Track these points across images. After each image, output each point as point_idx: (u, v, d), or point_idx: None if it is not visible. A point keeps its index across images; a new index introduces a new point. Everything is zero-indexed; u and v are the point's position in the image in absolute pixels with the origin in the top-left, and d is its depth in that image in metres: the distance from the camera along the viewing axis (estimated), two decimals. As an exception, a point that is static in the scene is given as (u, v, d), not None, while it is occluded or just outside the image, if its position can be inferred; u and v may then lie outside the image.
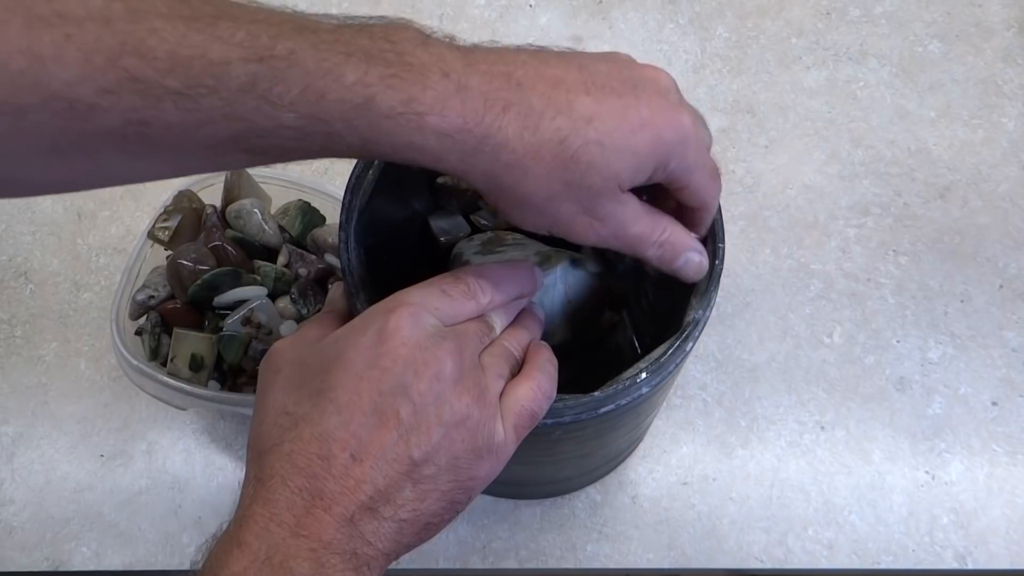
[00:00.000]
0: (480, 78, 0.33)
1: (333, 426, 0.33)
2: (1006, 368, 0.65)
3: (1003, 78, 0.76)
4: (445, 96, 0.32)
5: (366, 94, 0.31)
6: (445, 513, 0.35)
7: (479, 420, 0.35)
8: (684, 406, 0.64)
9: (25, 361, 0.67)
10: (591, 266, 0.48)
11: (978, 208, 0.71)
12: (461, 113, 0.32)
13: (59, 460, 0.64)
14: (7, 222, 0.73)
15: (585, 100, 0.34)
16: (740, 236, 0.70)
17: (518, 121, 0.33)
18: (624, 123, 0.34)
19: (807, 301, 0.67)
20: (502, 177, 0.34)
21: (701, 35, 0.79)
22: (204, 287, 0.57)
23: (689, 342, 0.41)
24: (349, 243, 0.44)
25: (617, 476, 0.62)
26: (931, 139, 0.74)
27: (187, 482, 0.63)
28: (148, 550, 0.61)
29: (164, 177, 0.34)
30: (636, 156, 0.35)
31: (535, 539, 0.60)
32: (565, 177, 0.34)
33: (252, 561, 0.31)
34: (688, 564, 0.59)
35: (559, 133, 0.34)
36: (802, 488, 0.61)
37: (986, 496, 0.61)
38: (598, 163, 0.34)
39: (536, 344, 0.41)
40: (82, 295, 0.70)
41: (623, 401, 0.41)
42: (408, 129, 0.32)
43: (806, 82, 0.77)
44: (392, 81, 0.31)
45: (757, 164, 0.73)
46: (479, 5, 0.82)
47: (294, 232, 0.63)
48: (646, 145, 0.35)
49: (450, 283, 0.38)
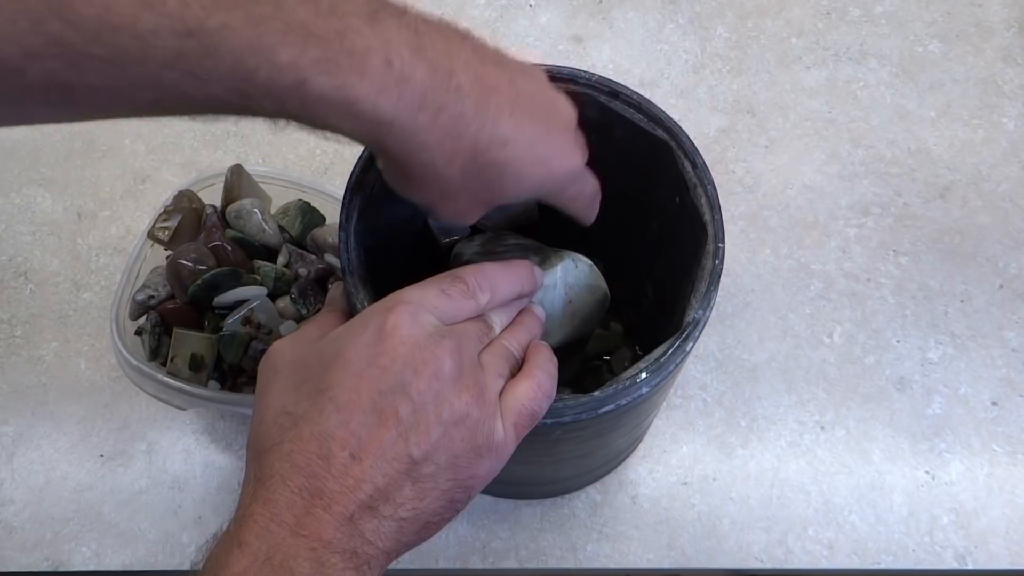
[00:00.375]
0: (425, 70, 0.32)
1: (332, 425, 0.33)
2: (1006, 368, 0.65)
3: (1003, 78, 0.76)
4: (382, 87, 0.32)
5: (298, 77, 0.30)
6: (445, 512, 0.35)
7: (479, 418, 0.35)
8: (684, 406, 0.64)
9: (25, 361, 0.67)
10: (592, 266, 0.48)
11: (978, 208, 0.71)
12: (395, 106, 0.32)
13: (59, 460, 0.64)
14: (7, 222, 0.73)
15: (508, 122, 0.35)
16: (740, 236, 0.70)
17: (446, 126, 0.34)
18: (530, 154, 0.37)
19: (807, 301, 0.67)
20: (411, 166, 0.35)
21: (701, 35, 0.79)
22: (204, 287, 0.57)
23: (689, 342, 0.41)
24: (349, 243, 0.44)
25: (617, 476, 0.62)
26: (931, 139, 0.74)
27: (187, 482, 0.63)
28: (148, 550, 0.61)
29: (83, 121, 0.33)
30: (526, 187, 0.38)
31: (535, 539, 0.60)
32: (466, 184, 0.36)
33: (253, 561, 0.31)
34: (688, 564, 0.59)
35: (476, 146, 0.35)
36: (802, 488, 0.61)
37: (986, 496, 0.61)
38: (496, 182, 0.37)
39: (536, 344, 0.41)
40: (82, 295, 0.70)
41: (623, 401, 0.41)
42: (336, 113, 0.32)
43: (806, 82, 0.77)
44: (327, 66, 0.30)
45: (757, 164, 0.73)
46: (479, 5, 0.82)
47: (294, 232, 0.63)
48: (537, 180, 0.38)
49: (449, 282, 0.38)
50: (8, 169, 0.75)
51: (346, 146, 0.45)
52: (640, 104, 0.46)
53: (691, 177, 0.45)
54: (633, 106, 0.47)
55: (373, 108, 0.32)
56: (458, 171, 0.35)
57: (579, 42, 0.80)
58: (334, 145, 0.75)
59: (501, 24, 0.81)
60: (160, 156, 0.75)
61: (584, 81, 0.47)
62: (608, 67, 0.78)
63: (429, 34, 0.34)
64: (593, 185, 0.44)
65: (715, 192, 0.44)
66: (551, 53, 0.79)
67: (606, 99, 0.47)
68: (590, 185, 0.43)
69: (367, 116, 0.32)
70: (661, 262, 0.53)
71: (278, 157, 0.75)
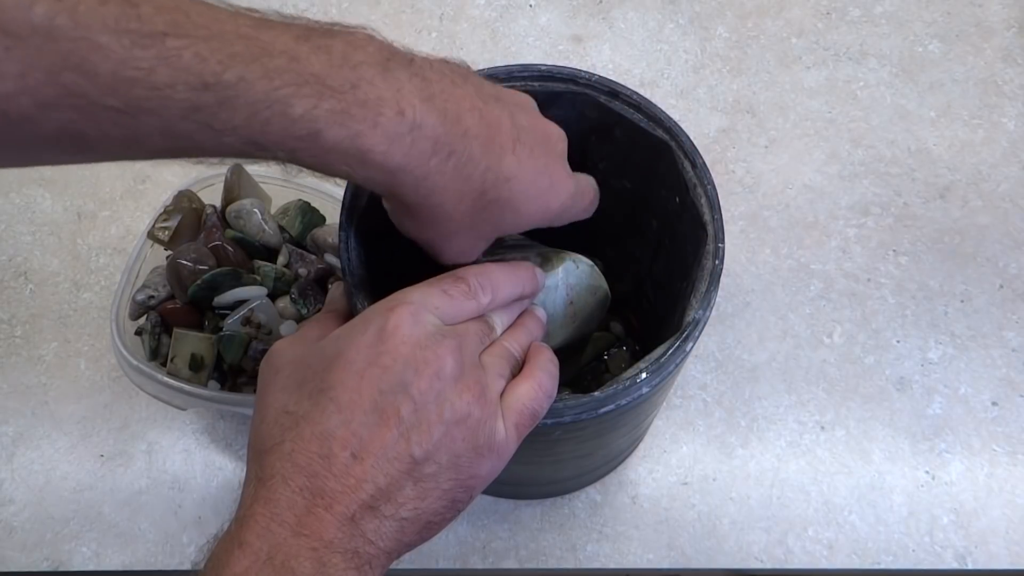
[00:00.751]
0: (436, 118, 0.33)
1: (334, 425, 0.33)
2: (1006, 368, 0.65)
3: (1003, 78, 0.76)
4: (395, 135, 0.32)
5: (312, 128, 0.31)
6: (446, 512, 0.35)
7: (480, 418, 0.35)
8: (684, 406, 0.64)
9: (25, 361, 0.67)
10: (593, 267, 0.48)
11: (978, 208, 0.71)
12: (407, 155, 0.33)
13: (59, 460, 0.64)
14: (7, 222, 0.73)
15: (511, 159, 0.37)
16: (740, 236, 0.70)
17: (457, 170, 0.35)
18: (532, 188, 0.38)
19: (807, 301, 0.68)
20: (421, 209, 0.36)
21: (701, 35, 0.79)
22: (204, 287, 0.57)
23: (689, 342, 0.41)
24: (349, 243, 0.44)
25: (617, 476, 0.62)
26: (931, 139, 0.74)
27: (187, 482, 0.63)
28: (148, 550, 0.61)
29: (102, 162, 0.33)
30: (525, 221, 0.39)
31: (535, 539, 0.60)
32: (473, 222, 0.37)
33: (254, 561, 0.31)
34: (688, 564, 0.59)
35: (484, 184, 0.36)
36: (802, 488, 0.61)
37: (986, 496, 0.61)
38: (497, 217, 0.38)
39: (536, 345, 0.41)
40: (82, 295, 0.69)
41: (623, 401, 0.41)
42: (348, 161, 0.32)
43: (806, 82, 0.77)
44: (341, 118, 0.31)
45: (757, 164, 0.73)
46: (479, 5, 0.82)
47: (294, 232, 0.63)
48: (537, 213, 0.39)
49: (451, 283, 0.38)
50: (8, 169, 0.75)
51: (346, 146, 0.45)
52: (640, 104, 0.46)
53: (691, 177, 0.45)
54: (633, 106, 0.47)
55: (385, 157, 0.32)
56: (466, 211, 0.37)
57: (579, 42, 0.80)
58: (334, 145, 0.75)
59: (501, 24, 0.81)
60: (160, 156, 0.75)
61: (584, 81, 0.47)
62: (608, 67, 0.78)
63: (437, 81, 0.34)
64: (590, 192, 0.45)
65: (715, 192, 0.44)
66: (551, 53, 0.79)
67: (606, 99, 0.47)
68: (586, 195, 0.44)
69: (380, 165, 0.33)
70: (661, 262, 0.53)
71: (278, 157, 0.75)
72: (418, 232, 0.39)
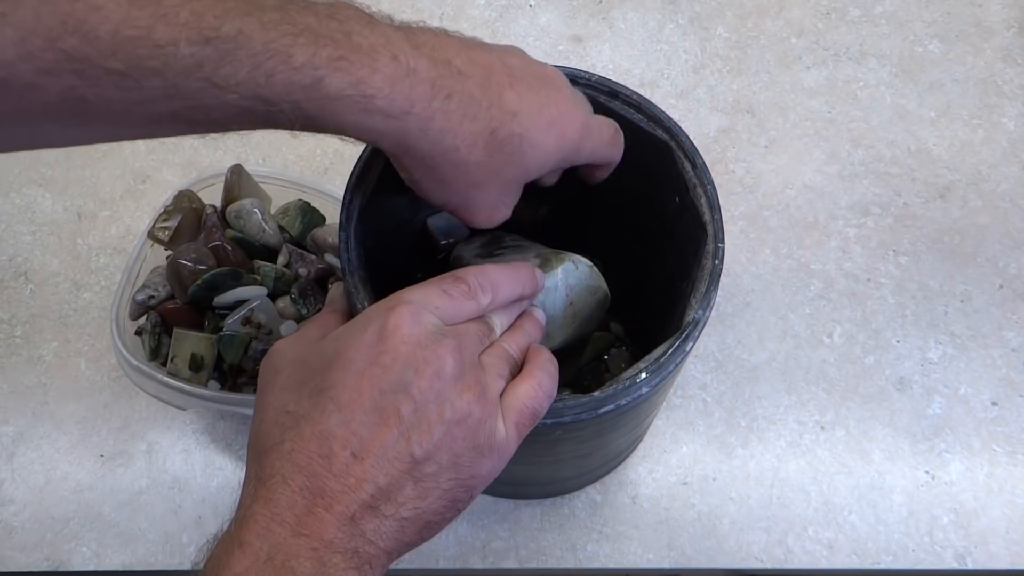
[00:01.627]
0: (427, 63, 0.34)
1: (334, 424, 0.33)
2: (1006, 368, 0.65)
3: (1003, 78, 0.76)
4: (394, 79, 0.33)
5: (315, 76, 0.31)
6: (446, 511, 0.35)
7: (480, 418, 0.35)
8: (684, 406, 0.64)
9: (25, 361, 0.67)
10: (592, 267, 0.48)
11: (978, 208, 0.71)
12: (409, 96, 0.33)
13: (59, 460, 0.64)
14: (7, 222, 0.73)
15: (511, 94, 0.37)
16: (740, 236, 0.70)
17: (460, 109, 0.35)
18: (540, 119, 0.38)
19: (807, 301, 0.68)
20: (438, 160, 0.36)
21: (701, 35, 0.79)
22: (204, 287, 0.57)
23: (689, 342, 0.41)
24: (349, 243, 0.44)
25: (617, 476, 0.62)
26: (931, 139, 0.74)
27: (187, 482, 0.63)
28: (148, 550, 0.61)
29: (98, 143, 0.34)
30: (546, 153, 0.39)
31: (535, 539, 0.60)
32: (491, 166, 0.37)
33: (254, 561, 0.31)
34: (688, 564, 0.59)
35: (491, 123, 0.36)
36: (802, 488, 0.61)
37: (986, 496, 0.61)
38: (516, 156, 0.38)
39: (535, 347, 0.41)
40: (82, 295, 0.70)
41: (623, 401, 0.41)
42: (355, 110, 0.33)
43: (806, 82, 0.77)
44: (341, 63, 0.32)
45: (757, 164, 0.73)
46: (479, 5, 0.82)
47: (294, 232, 0.63)
48: (554, 144, 0.39)
49: (451, 283, 0.38)
50: (8, 169, 0.75)
51: (346, 146, 0.45)
52: (640, 104, 0.46)
53: (691, 177, 0.45)
54: (633, 106, 0.47)
55: (389, 102, 0.33)
56: (481, 153, 0.37)
57: (579, 42, 0.80)
58: (334, 145, 0.75)
59: (501, 24, 0.81)
60: (160, 156, 0.75)
61: (584, 81, 0.47)
62: (608, 67, 0.78)
63: (419, 33, 0.36)
64: (608, 127, 0.44)
65: (715, 192, 0.44)
66: (551, 53, 0.79)
67: (606, 99, 0.47)
68: (605, 130, 0.44)
69: (384, 110, 0.33)
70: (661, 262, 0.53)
71: (278, 157, 0.75)
72: (442, 192, 0.39)
